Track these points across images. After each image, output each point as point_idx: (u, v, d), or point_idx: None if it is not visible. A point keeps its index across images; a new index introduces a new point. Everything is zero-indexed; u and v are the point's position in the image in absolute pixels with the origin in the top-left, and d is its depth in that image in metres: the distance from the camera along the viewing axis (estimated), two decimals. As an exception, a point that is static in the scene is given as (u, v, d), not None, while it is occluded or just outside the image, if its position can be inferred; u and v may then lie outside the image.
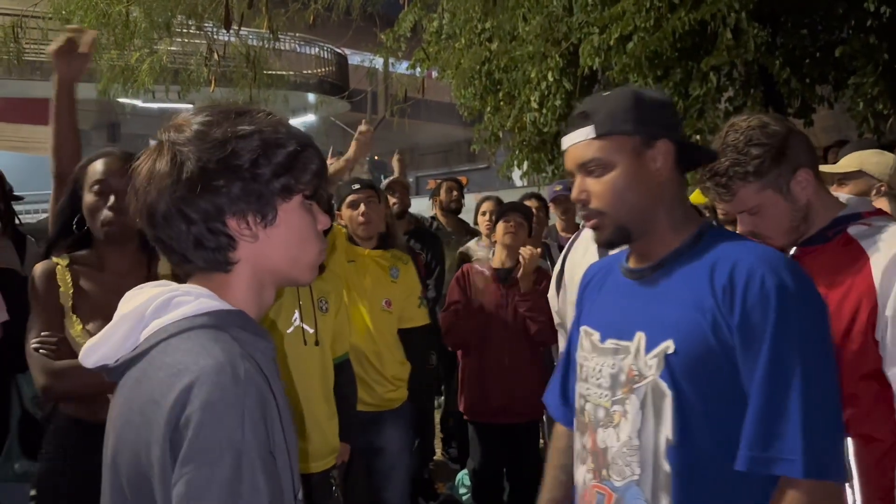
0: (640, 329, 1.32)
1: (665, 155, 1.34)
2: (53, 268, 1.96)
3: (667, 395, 1.25)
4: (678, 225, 1.36)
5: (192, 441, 0.87)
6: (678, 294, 1.30)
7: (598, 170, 1.34)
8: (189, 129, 1.00)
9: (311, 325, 2.41)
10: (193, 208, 0.98)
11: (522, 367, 3.33)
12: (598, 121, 1.33)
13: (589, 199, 1.36)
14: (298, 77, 18.37)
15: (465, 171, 19.23)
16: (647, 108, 1.34)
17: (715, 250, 1.30)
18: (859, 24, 5.48)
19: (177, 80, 8.18)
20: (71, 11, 6.40)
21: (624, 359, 1.33)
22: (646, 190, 1.34)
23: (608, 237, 1.38)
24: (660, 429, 1.26)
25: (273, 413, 0.93)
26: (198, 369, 0.90)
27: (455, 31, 7.58)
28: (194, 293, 1.01)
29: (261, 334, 1.03)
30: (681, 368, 1.25)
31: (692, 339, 1.25)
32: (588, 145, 1.34)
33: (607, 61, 5.97)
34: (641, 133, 1.32)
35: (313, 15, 6.95)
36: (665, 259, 1.35)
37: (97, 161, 1.99)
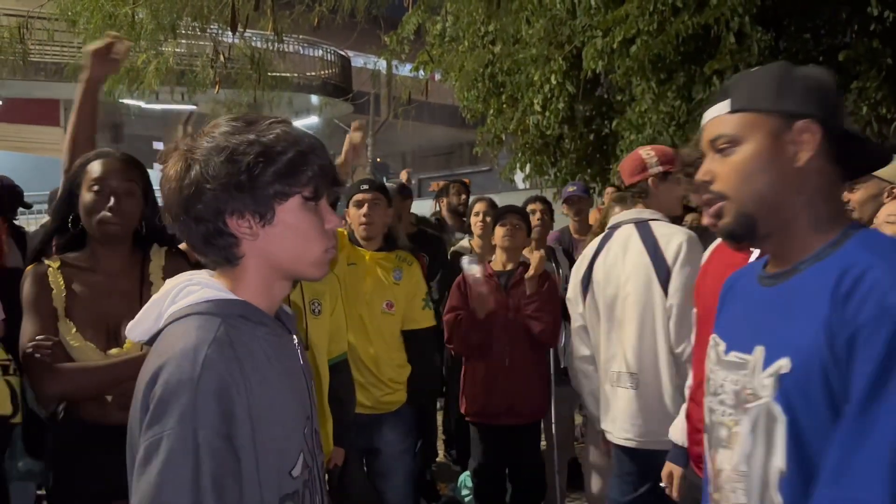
0: (760, 342, 1.16)
1: (808, 139, 1.15)
2: (45, 270, 1.96)
3: (780, 420, 1.11)
4: (821, 225, 1.17)
5: (151, 412, 1.01)
6: (802, 305, 1.12)
7: (727, 148, 1.19)
8: (204, 139, 1.11)
9: (301, 328, 2.39)
10: (195, 209, 1.09)
11: (524, 369, 3.33)
12: (736, 95, 1.20)
13: (712, 180, 1.20)
14: (302, 79, 18.40)
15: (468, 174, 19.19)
16: (795, 85, 1.17)
17: (852, 256, 1.11)
18: (862, 28, 5.48)
19: (182, 81, 8.20)
20: (77, 13, 6.43)
21: (746, 375, 1.18)
22: (779, 176, 1.16)
23: (730, 227, 1.19)
24: (770, 457, 1.12)
25: (235, 399, 1.02)
26: (171, 352, 1.04)
27: (458, 33, 7.59)
28: (203, 283, 1.14)
29: (264, 322, 1.14)
30: (796, 391, 1.09)
31: (809, 358, 1.08)
32: (721, 121, 1.20)
33: (610, 64, 5.98)
34: (781, 111, 1.16)
35: (318, 17, 6.97)
36: (801, 264, 1.17)
37: (95, 161, 1.99)
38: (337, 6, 6.96)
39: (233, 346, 1.05)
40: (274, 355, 1.11)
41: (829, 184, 1.18)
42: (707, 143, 1.22)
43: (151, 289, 2.00)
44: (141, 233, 2.04)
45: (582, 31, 6.18)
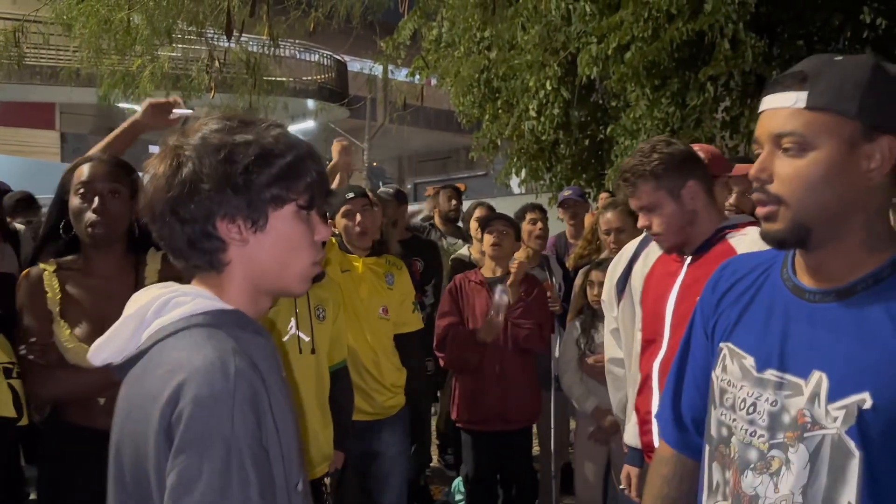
0: (819, 368, 1.07)
1: (887, 155, 1.04)
2: (40, 273, 1.95)
3: (854, 455, 1.03)
4: (875, 243, 1.07)
5: (183, 433, 0.92)
6: (879, 335, 1.03)
7: (794, 147, 1.06)
8: (195, 135, 1.05)
9: (308, 333, 2.41)
10: (185, 209, 1.02)
11: (514, 376, 3.33)
12: (817, 88, 1.04)
13: (770, 179, 1.08)
14: (298, 83, 18.42)
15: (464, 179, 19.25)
16: (886, 91, 1.04)
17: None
18: (855, 35, 5.52)
19: (177, 86, 8.21)
20: (72, 17, 6.43)
21: (791, 398, 1.09)
22: (847, 190, 1.05)
23: (781, 234, 1.09)
24: (839, 491, 1.04)
25: (264, 407, 0.97)
26: (190, 366, 0.96)
27: (454, 39, 7.62)
28: (192, 293, 1.06)
29: (258, 331, 1.07)
30: (878, 428, 1.01)
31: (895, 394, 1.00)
32: (793, 114, 1.06)
33: (605, 71, 6.01)
34: (866, 119, 1.03)
35: (314, 22, 6.99)
36: (857, 284, 1.07)
37: (83, 165, 2.00)
38: (333, 11, 6.98)
39: (248, 355, 1.00)
40: (274, 366, 1.06)
41: (889, 202, 1.09)
42: (769, 135, 1.09)
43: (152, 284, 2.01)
44: (134, 236, 2.04)
45: (577, 37, 6.21)
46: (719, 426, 1.20)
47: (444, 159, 30.14)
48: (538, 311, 3.38)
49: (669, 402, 1.39)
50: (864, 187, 1.05)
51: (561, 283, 4.01)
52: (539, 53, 6.52)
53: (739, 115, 5.91)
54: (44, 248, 2.05)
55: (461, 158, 26.92)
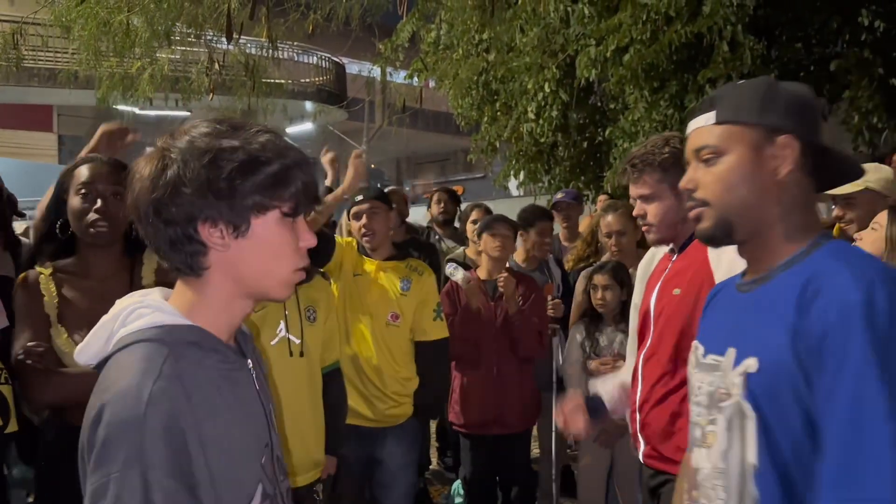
0: (732, 344, 1.22)
1: (788, 153, 1.21)
2: (37, 277, 1.95)
3: (750, 417, 1.17)
4: (794, 234, 1.23)
5: (96, 455, 0.95)
6: (769, 308, 1.19)
7: (710, 158, 1.24)
8: (183, 138, 1.05)
9: (298, 335, 2.36)
10: (167, 211, 1.03)
11: (512, 379, 3.32)
12: (722, 106, 1.24)
13: (695, 187, 1.27)
14: (297, 86, 18.42)
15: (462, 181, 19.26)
16: (778, 101, 1.22)
17: (819, 263, 1.17)
18: (854, 37, 5.53)
19: (176, 88, 8.20)
20: (71, 20, 6.42)
21: (719, 376, 1.24)
22: (758, 187, 1.22)
23: (709, 231, 1.26)
24: (747, 453, 1.17)
25: (187, 436, 0.96)
26: (114, 388, 0.98)
27: (453, 41, 7.62)
28: (154, 306, 1.07)
29: (217, 349, 1.07)
30: (762, 389, 1.15)
31: (774, 359, 1.14)
32: (706, 131, 1.25)
33: (604, 73, 6.01)
34: (764, 125, 1.21)
35: (312, 24, 6.99)
36: (773, 271, 1.23)
37: (83, 166, 1.99)
38: (332, 14, 6.98)
39: (180, 379, 0.99)
40: (224, 384, 1.05)
41: (804, 195, 1.24)
42: (691, 152, 1.28)
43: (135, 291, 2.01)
44: (131, 237, 2.04)
45: (575, 39, 6.21)
46: (690, 415, 1.34)
47: (442, 161, 30.15)
48: (537, 319, 3.36)
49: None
50: (773, 183, 1.22)
51: (559, 284, 4.00)
52: (537, 56, 6.52)
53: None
54: (41, 249, 2.04)
55: (459, 160, 26.94)
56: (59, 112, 19.62)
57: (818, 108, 1.27)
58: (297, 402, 2.32)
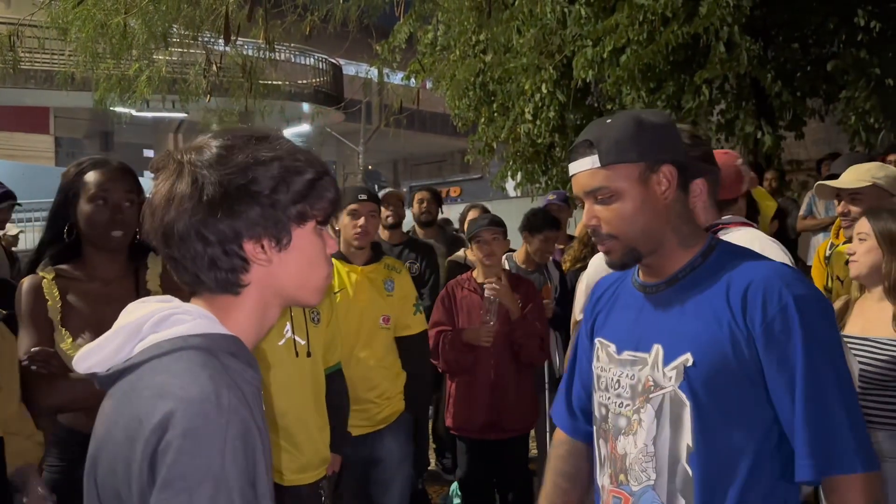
0: (656, 341, 1.36)
1: (669, 178, 1.37)
2: (40, 282, 1.94)
3: (686, 404, 1.31)
4: (686, 241, 1.40)
5: (171, 467, 0.88)
6: (695, 308, 1.34)
7: (605, 198, 1.37)
8: (209, 152, 1.01)
9: (303, 336, 2.38)
10: (212, 230, 0.99)
11: (509, 384, 3.29)
12: (603, 150, 1.36)
13: (600, 224, 1.39)
14: (294, 87, 18.43)
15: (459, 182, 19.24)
16: (650, 134, 1.37)
17: (728, 265, 1.35)
18: (850, 38, 5.55)
19: (173, 89, 8.20)
20: (68, 21, 6.42)
21: (641, 369, 1.38)
22: (653, 213, 1.37)
23: (620, 260, 1.41)
24: (679, 436, 1.32)
25: (256, 444, 0.93)
26: (183, 394, 0.91)
27: (450, 42, 7.63)
28: (194, 313, 1.02)
29: (250, 364, 1.03)
30: (700, 380, 1.30)
31: (711, 352, 1.30)
32: (594, 174, 1.37)
33: (601, 74, 6.02)
34: (646, 159, 1.36)
35: (309, 26, 6.99)
36: (678, 274, 1.39)
37: (93, 171, 1.98)
38: (329, 15, 6.98)
39: (240, 388, 0.96)
40: (257, 401, 1.01)
41: (686, 207, 1.41)
42: (585, 193, 1.40)
43: (150, 296, 2.00)
44: (136, 241, 2.04)
45: (572, 40, 6.22)
46: (599, 407, 1.48)
47: (439, 162, 30.17)
48: (536, 326, 3.34)
49: (563, 396, 1.67)
50: (663, 205, 1.38)
51: (557, 286, 4.01)
52: (534, 57, 6.54)
53: (734, 117, 5.93)
54: (45, 251, 2.03)
55: (456, 161, 26.96)
56: (55, 114, 19.62)
57: (675, 129, 1.43)
58: (304, 400, 2.35)
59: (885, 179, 2.60)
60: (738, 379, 1.28)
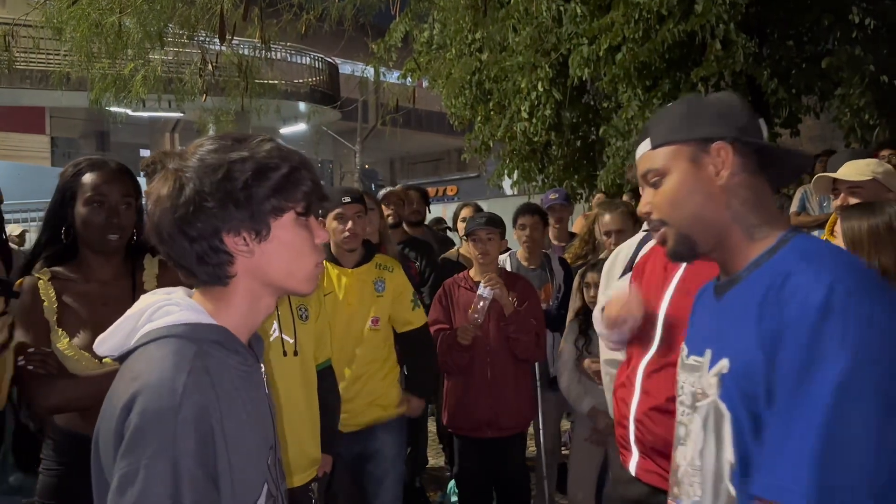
0: (709, 346, 1.26)
1: (724, 157, 1.26)
2: (35, 283, 1.93)
3: (725, 416, 1.19)
4: (755, 233, 1.25)
5: (127, 442, 0.99)
6: (740, 310, 1.21)
7: (656, 180, 1.31)
8: (192, 157, 1.11)
9: (291, 335, 2.36)
10: (192, 228, 1.08)
11: (505, 382, 3.30)
12: (654, 132, 1.33)
13: (651, 211, 1.33)
14: (290, 86, 18.39)
15: (456, 180, 19.25)
16: (703, 113, 1.30)
17: (786, 262, 1.19)
18: (844, 35, 5.56)
19: (169, 89, 8.18)
20: (63, 21, 6.40)
21: (699, 377, 1.28)
22: (706, 197, 1.27)
23: (673, 248, 1.32)
24: (721, 452, 1.20)
25: (214, 428, 1.02)
26: (147, 378, 1.02)
27: (446, 41, 7.64)
28: (182, 304, 1.12)
29: (238, 351, 1.13)
30: (735, 389, 1.17)
31: (744, 358, 1.16)
32: (646, 157, 1.33)
33: (596, 72, 6.03)
34: (695, 138, 1.28)
35: (305, 25, 6.98)
36: (743, 271, 1.26)
37: (91, 173, 1.97)
38: (324, 14, 6.97)
39: (208, 373, 1.05)
40: (242, 385, 1.11)
41: (756, 194, 1.27)
42: (641, 179, 1.35)
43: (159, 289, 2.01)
44: (132, 242, 2.04)
45: (568, 38, 6.23)
46: (678, 413, 1.37)
47: (435, 161, 30.17)
48: (532, 323, 3.35)
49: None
50: (717, 189, 1.26)
51: (561, 283, 4.00)
52: (530, 55, 6.54)
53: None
54: (41, 252, 2.02)
55: (453, 160, 26.96)
56: (51, 114, 19.57)
57: (747, 110, 1.30)
58: (293, 400, 2.32)
59: (883, 175, 2.62)
60: (770, 390, 1.12)
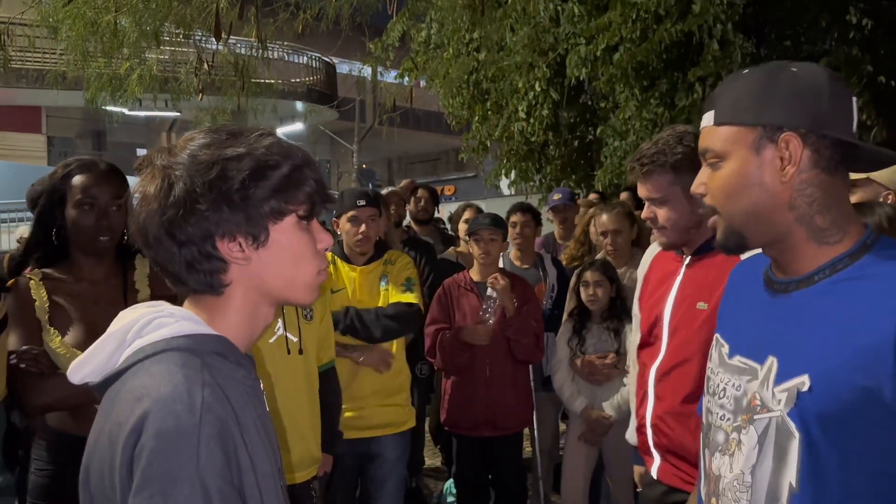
0: (772, 353, 1.12)
1: (792, 152, 1.09)
2: (27, 283, 1.94)
3: (795, 436, 1.06)
4: (826, 236, 1.11)
5: (145, 469, 0.87)
6: (826, 321, 1.07)
7: (714, 162, 1.16)
8: (182, 153, 0.99)
9: (295, 333, 2.37)
10: (182, 231, 0.97)
11: (504, 382, 3.29)
12: (721, 105, 1.15)
13: (705, 192, 1.18)
14: (287, 86, 18.37)
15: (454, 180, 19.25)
16: (779, 93, 1.10)
17: (888, 272, 1.05)
18: (842, 36, 5.56)
19: (165, 88, 8.17)
20: (59, 20, 6.38)
21: (750, 381, 1.14)
22: (765, 193, 1.11)
23: (721, 241, 1.18)
24: (782, 472, 1.08)
25: (237, 442, 0.92)
26: (156, 395, 0.90)
27: (443, 40, 7.63)
28: (177, 315, 1.00)
29: (242, 364, 1.02)
30: (815, 410, 1.04)
31: (836, 380, 1.03)
32: (709, 132, 1.16)
33: (594, 72, 6.03)
34: (763, 124, 1.10)
35: (302, 24, 6.97)
36: (814, 275, 1.11)
37: (80, 175, 1.96)
38: (321, 13, 6.95)
39: (220, 386, 0.94)
40: (249, 400, 0.99)
41: (828, 193, 1.11)
42: (701, 153, 1.19)
43: (138, 296, 2.00)
44: (123, 242, 2.03)
45: (566, 38, 6.22)
46: (707, 413, 1.26)
47: (433, 161, 30.19)
48: (532, 325, 3.34)
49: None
50: (781, 186, 1.10)
51: (555, 283, 3.99)
52: (528, 55, 6.54)
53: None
54: (32, 253, 2.02)
55: (451, 160, 26.98)
56: (47, 113, 19.52)
57: (835, 91, 1.10)
58: (296, 399, 2.32)
59: (879, 174, 2.60)
60: (867, 419, 1.01)
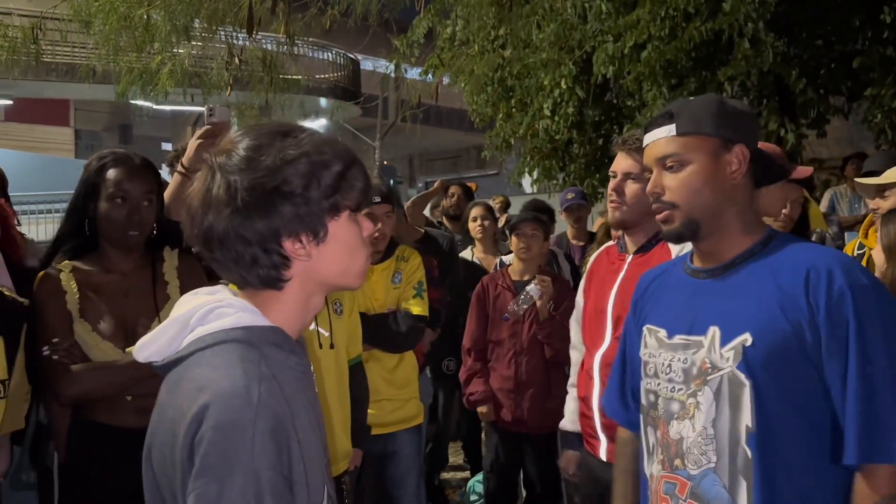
0: (713, 324, 1.38)
1: (741, 159, 1.40)
2: (57, 275, 1.96)
3: (745, 384, 1.32)
4: (749, 228, 1.42)
5: (203, 458, 0.93)
6: (754, 291, 1.36)
7: (675, 165, 1.41)
8: (237, 155, 1.04)
9: (327, 328, 2.39)
10: (250, 232, 1.02)
11: (537, 381, 3.29)
12: (682, 120, 1.40)
13: (663, 192, 1.42)
14: (312, 81, 18.43)
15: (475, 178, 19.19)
16: (729, 115, 1.42)
17: (787, 252, 1.38)
18: (876, 35, 5.48)
19: (194, 83, 8.24)
20: (92, 14, 6.46)
21: (696, 353, 1.39)
22: (719, 190, 1.40)
23: (678, 230, 1.43)
24: (738, 418, 1.33)
25: (290, 435, 0.97)
26: (216, 388, 0.96)
27: (469, 37, 7.60)
28: (237, 306, 1.06)
29: (295, 351, 1.08)
30: (758, 360, 1.31)
31: (770, 332, 1.31)
32: (669, 141, 1.41)
33: (621, 70, 5.98)
34: (721, 136, 1.40)
35: (330, 20, 6.99)
36: (736, 259, 1.41)
37: (114, 168, 1.98)
38: (350, 9, 6.97)
39: (276, 379, 0.99)
40: (301, 387, 1.05)
41: (750, 194, 1.44)
42: (654, 159, 1.44)
43: (167, 288, 2.02)
44: (153, 234, 2.05)
45: (592, 35, 6.18)
46: (647, 394, 1.49)
47: (454, 158, 30.14)
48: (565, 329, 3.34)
49: (616, 388, 1.68)
50: (730, 186, 1.41)
51: (569, 279, 3.99)
52: (554, 52, 6.50)
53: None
54: (62, 245, 2.04)
55: (472, 157, 26.93)
56: (76, 107, 19.77)
57: (756, 121, 1.47)
58: (326, 393, 2.34)
59: None
60: (797, 361, 1.30)
